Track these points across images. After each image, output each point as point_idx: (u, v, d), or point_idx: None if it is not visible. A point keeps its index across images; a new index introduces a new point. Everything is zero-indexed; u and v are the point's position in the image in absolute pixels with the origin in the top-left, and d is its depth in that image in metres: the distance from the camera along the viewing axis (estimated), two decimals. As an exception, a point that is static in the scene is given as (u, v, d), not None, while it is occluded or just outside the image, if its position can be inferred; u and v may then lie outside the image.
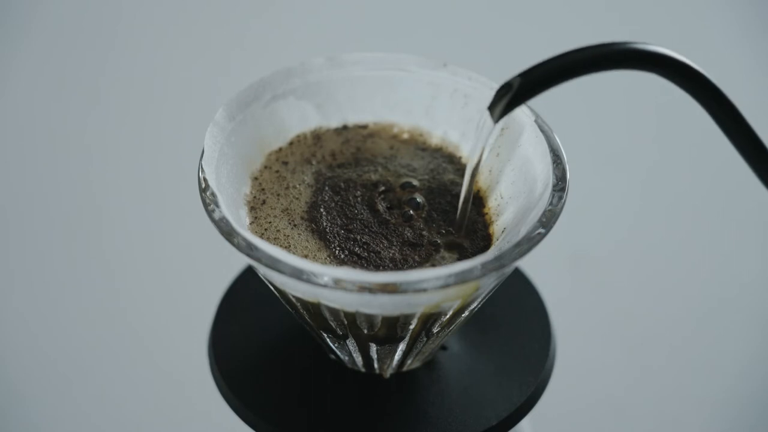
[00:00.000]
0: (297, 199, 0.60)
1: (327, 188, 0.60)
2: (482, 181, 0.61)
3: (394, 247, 0.57)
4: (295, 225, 0.58)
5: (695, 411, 0.89)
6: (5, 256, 1.00)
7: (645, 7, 1.18)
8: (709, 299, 0.96)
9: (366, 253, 0.57)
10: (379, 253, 0.57)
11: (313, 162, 0.62)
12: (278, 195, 0.60)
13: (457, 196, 0.60)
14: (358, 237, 0.58)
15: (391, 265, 0.57)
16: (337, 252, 0.57)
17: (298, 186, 0.60)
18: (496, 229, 0.59)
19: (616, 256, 1.00)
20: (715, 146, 1.04)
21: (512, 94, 0.53)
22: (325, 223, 0.58)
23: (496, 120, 0.54)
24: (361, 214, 0.59)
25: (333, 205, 0.59)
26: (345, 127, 0.64)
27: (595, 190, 1.03)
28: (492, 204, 0.60)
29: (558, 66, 0.53)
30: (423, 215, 0.59)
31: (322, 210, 0.59)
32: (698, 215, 1.03)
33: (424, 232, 0.58)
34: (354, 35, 1.18)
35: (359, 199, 0.60)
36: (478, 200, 0.60)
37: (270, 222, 0.58)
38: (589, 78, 0.61)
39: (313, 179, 0.61)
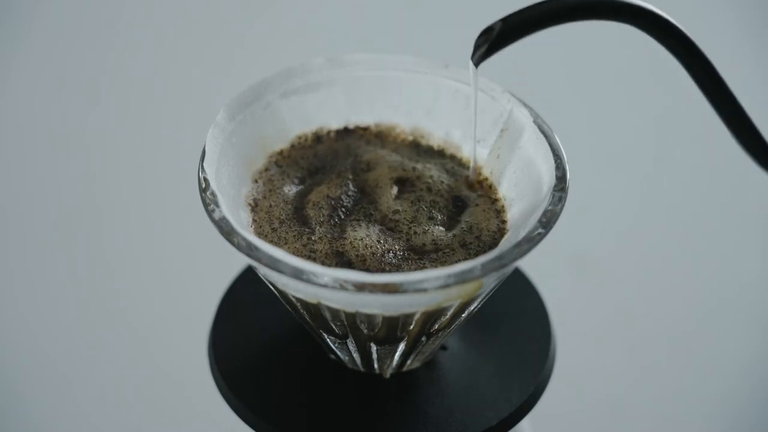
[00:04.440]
0: (300, 199, 0.60)
1: (331, 188, 0.60)
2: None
3: (402, 243, 0.58)
4: (297, 225, 0.58)
5: (695, 411, 0.89)
6: (5, 256, 1.00)
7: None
8: (710, 299, 0.96)
9: (375, 251, 0.57)
10: (389, 250, 0.57)
11: (316, 162, 0.62)
12: (280, 195, 0.60)
13: (459, 196, 0.60)
14: (365, 235, 0.58)
15: (396, 262, 0.57)
16: (344, 251, 0.57)
17: (300, 186, 0.61)
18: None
19: (616, 256, 1.00)
20: (715, 146, 1.05)
21: (493, 39, 0.54)
22: (330, 223, 0.58)
23: (477, 64, 0.56)
24: (366, 210, 0.59)
25: (339, 204, 0.59)
26: (346, 129, 0.64)
27: (595, 190, 1.04)
28: (497, 206, 0.60)
29: (539, 12, 0.54)
30: (428, 211, 0.59)
31: (327, 210, 0.59)
32: (698, 215, 1.03)
33: (433, 227, 0.58)
34: (355, 36, 1.18)
35: (366, 198, 0.60)
36: (486, 199, 0.60)
37: (271, 222, 0.58)
38: (588, 77, 0.61)
39: (316, 179, 0.61)
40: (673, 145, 1.07)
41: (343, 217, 0.59)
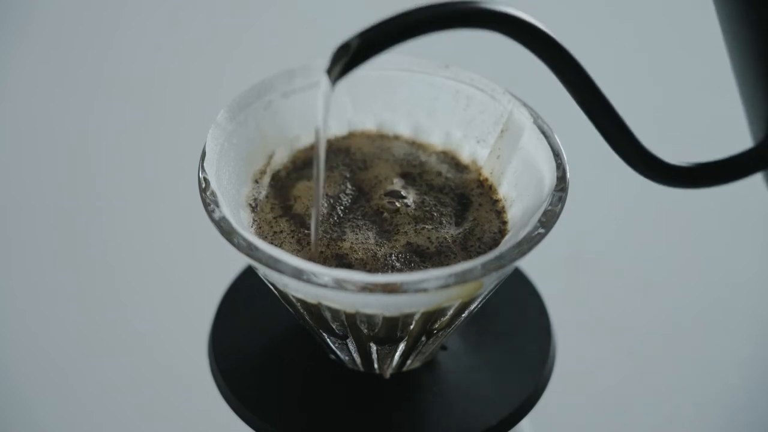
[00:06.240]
0: (300, 199, 0.60)
1: (331, 188, 0.60)
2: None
3: (399, 244, 0.58)
4: (297, 225, 0.58)
5: (695, 411, 0.89)
6: (5, 255, 1.00)
7: (647, 9, 1.18)
8: (710, 299, 0.96)
9: (375, 252, 0.57)
10: (390, 254, 0.57)
11: (316, 162, 0.62)
12: (280, 195, 0.60)
13: (462, 194, 0.60)
14: (364, 237, 0.58)
15: (398, 264, 0.57)
16: (343, 252, 0.57)
17: (300, 186, 0.61)
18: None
19: (617, 256, 1.00)
20: (715, 147, 1.04)
21: (350, 56, 0.51)
22: (329, 222, 0.58)
23: (334, 82, 0.52)
24: (364, 209, 0.59)
25: (338, 203, 0.59)
26: (347, 128, 0.64)
27: (595, 190, 1.03)
28: (497, 206, 0.60)
29: (398, 26, 0.50)
30: (428, 211, 0.59)
31: (325, 209, 0.59)
32: (698, 215, 1.02)
33: (434, 227, 0.58)
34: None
35: (364, 196, 0.60)
36: (487, 199, 0.60)
37: (271, 222, 0.58)
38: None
39: (316, 179, 0.61)
40: (673, 146, 1.07)
41: (341, 215, 0.59)
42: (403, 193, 0.60)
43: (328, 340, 0.58)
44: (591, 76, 0.54)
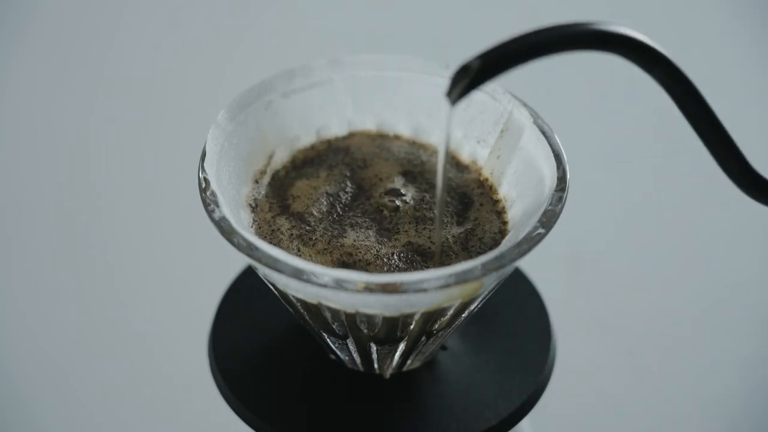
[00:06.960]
0: (299, 198, 0.60)
1: (330, 187, 0.60)
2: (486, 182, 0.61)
3: (400, 244, 0.58)
4: (297, 225, 0.58)
5: (695, 411, 0.90)
6: (6, 255, 1.00)
7: (647, 9, 1.18)
8: (709, 299, 0.96)
9: (377, 251, 0.57)
10: (392, 253, 0.57)
11: (315, 162, 0.62)
12: (279, 195, 0.60)
13: (463, 194, 0.60)
14: (365, 235, 0.58)
15: (399, 264, 0.57)
16: (344, 250, 0.57)
17: (299, 186, 0.61)
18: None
19: (617, 256, 1.00)
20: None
21: (471, 78, 0.51)
22: (329, 219, 0.58)
23: (454, 103, 0.52)
24: (364, 207, 0.59)
25: (338, 203, 0.59)
26: (347, 128, 0.64)
27: (595, 190, 1.04)
28: (498, 206, 0.60)
29: (518, 47, 0.50)
30: (429, 209, 0.59)
31: (326, 207, 0.59)
32: (698, 215, 1.03)
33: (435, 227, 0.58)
34: (356, 37, 1.18)
35: (364, 194, 0.60)
36: (488, 199, 0.60)
37: (270, 222, 0.58)
38: (589, 77, 0.61)
39: (315, 179, 0.61)
40: (673, 145, 1.07)
41: (341, 212, 0.59)
42: (402, 191, 0.60)
43: (328, 340, 0.58)
44: (708, 102, 0.54)
